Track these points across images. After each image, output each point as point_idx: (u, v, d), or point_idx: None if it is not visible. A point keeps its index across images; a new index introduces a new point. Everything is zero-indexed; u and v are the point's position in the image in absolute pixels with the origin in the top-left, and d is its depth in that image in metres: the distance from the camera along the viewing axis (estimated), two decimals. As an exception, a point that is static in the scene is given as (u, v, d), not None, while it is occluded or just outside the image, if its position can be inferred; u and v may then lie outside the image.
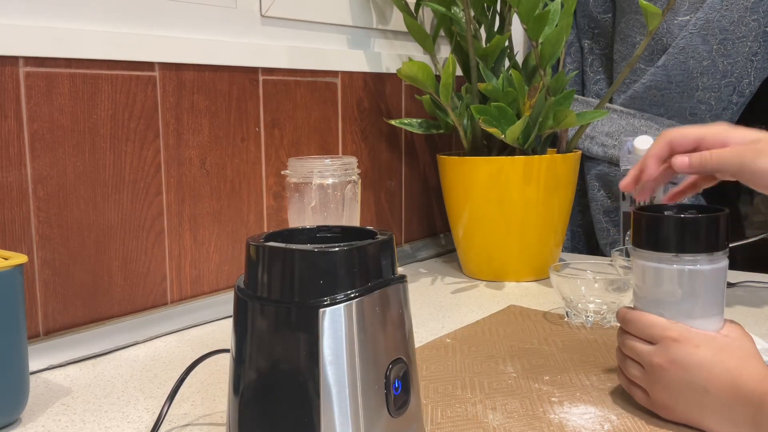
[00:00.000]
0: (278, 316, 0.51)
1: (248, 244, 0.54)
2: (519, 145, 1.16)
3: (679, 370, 0.62)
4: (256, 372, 0.52)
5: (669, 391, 0.63)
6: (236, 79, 1.06)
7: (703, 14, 1.24)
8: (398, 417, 0.54)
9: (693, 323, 0.65)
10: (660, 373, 0.64)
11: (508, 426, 0.66)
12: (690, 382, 0.62)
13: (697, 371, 0.61)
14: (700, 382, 0.61)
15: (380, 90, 1.31)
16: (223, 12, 1.05)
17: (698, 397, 0.62)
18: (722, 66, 1.26)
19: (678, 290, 0.65)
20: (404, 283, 0.56)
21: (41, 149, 0.85)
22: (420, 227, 1.45)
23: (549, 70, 1.15)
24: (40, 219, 0.86)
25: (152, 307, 0.98)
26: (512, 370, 0.80)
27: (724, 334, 0.64)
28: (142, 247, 0.96)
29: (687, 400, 0.62)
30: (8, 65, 0.82)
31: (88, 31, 0.88)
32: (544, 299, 1.10)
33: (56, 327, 0.88)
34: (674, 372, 0.63)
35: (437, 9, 1.20)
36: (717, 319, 0.66)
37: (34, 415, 0.71)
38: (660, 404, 0.65)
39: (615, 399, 0.71)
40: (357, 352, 0.51)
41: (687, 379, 0.62)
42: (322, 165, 0.90)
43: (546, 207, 1.18)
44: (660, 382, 0.64)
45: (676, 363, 0.63)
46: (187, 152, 1.00)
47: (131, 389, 0.77)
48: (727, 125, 0.69)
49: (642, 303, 0.69)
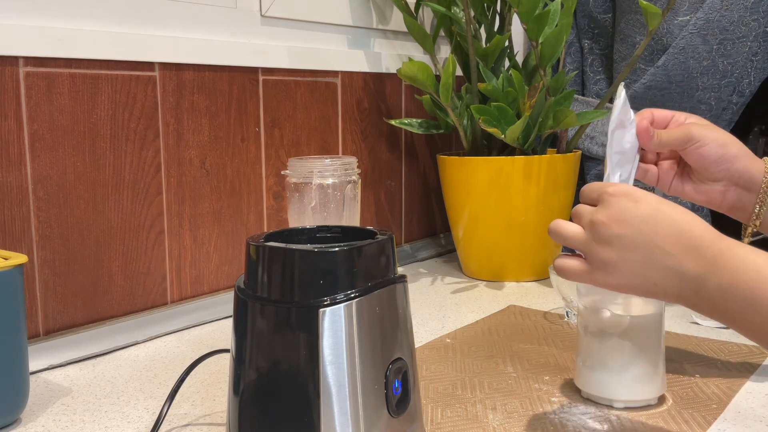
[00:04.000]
0: (278, 316, 0.51)
1: (248, 244, 0.54)
2: (519, 145, 1.16)
3: (621, 225, 0.58)
4: (256, 372, 0.52)
5: (611, 248, 0.59)
6: (236, 79, 1.06)
7: (703, 14, 1.24)
8: (398, 417, 0.54)
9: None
10: (601, 230, 0.59)
11: (508, 426, 0.66)
12: (636, 237, 0.58)
13: (642, 225, 0.58)
14: (646, 235, 0.57)
15: (380, 90, 1.31)
16: (223, 12, 1.05)
17: (645, 250, 0.58)
18: (722, 66, 1.26)
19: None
20: (404, 283, 0.56)
21: (41, 149, 0.85)
22: (420, 227, 1.45)
23: (549, 70, 1.15)
24: (40, 219, 0.86)
25: (152, 307, 0.98)
26: (512, 370, 0.80)
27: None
28: (142, 247, 0.96)
29: (632, 255, 0.58)
30: (8, 65, 0.82)
31: (88, 31, 0.88)
32: (544, 299, 1.10)
33: (56, 327, 0.88)
34: (616, 228, 0.58)
35: (437, 9, 1.20)
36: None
37: (34, 415, 0.71)
38: (600, 265, 0.59)
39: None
40: (357, 352, 0.51)
41: (631, 234, 0.58)
42: (322, 165, 0.90)
43: (546, 207, 1.18)
44: (600, 239, 0.59)
45: (616, 218, 0.59)
46: (187, 152, 1.00)
47: (131, 389, 0.77)
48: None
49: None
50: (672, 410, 0.69)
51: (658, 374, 0.70)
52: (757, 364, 0.81)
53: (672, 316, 0.99)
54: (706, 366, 0.80)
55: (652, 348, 0.69)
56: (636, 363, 0.69)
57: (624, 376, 0.69)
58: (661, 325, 0.70)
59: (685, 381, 0.76)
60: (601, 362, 0.70)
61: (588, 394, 0.71)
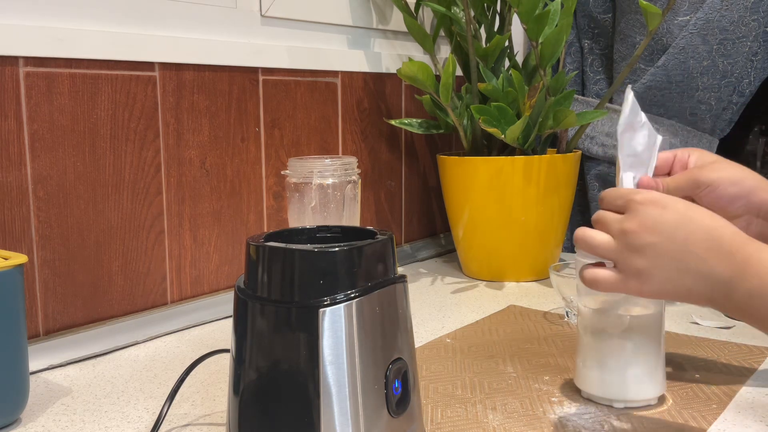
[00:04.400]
0: (278, 316, 0.51)
1: (248, 244, 0.54)
2: (519, 145, 1.16)
3: (652, 233, 0.59)
4: (256, 372, 0.52)
5: (644, 257, 0.59)
6: (236, 79, 1.06)
7: (703, 14, 1.24)
8: (398, 417, 0.54)
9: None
10: (632, 238, 0.59)
11: (508, 426, 0.66)
12: (668, 244, 0.58)
13: (674, 232, 0.58)
14: (678, 242, 0.58)
15: (380, 90, 1.31)
16: (223, 12, 1.05)
17: (678, 256, 0.58)
18: (722, 66, 1.26)
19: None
20: (404, 283, 0.56)
21: (41, 149, 0.85)
22: (420, 227, 1.45)
23: (549, 70, 1.15)
24: (40, 219, 0.86)
25: (152, 307, 0.98)
26: (512, 370, 0.80)
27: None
28: (142, 247, 0.96)
29: (667, 262, 0.59)
30: (8, 65, 0.82)
31: (88, 31, 0.88)
32: (544, 299, 1.10)
33: (56, 327, 0.88)
34: (648, 236, 0.59)
35: (437, 9, 1.20)
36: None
37: (34, 415, 0.71)
38: (633, 273, 0.60)
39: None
40: (357, 352, 0.51)
41: (663, 241, 0.59)
42: (322, 165, 0.90)
43: (546, 207, 1.18)
44: (632, 248, 0.60)
45: (646, 226, 0.59)
46: (187, 152, 1.00)
47: (131, 389, 0.77)
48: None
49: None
50: (672, 410, 0.69)
51: (658, 374, 0.70)
52: (757, 364, 0.81)
53: (672, 316, 0.99)
54: (706, 366, 0.81)
55: (652, 348, 0.69)
56: (636, 363, 0.69)
57: (624, 376, 0.69)
58: (661, 325, 0.70)
59: (685, 381, 0.76)
60: (601, 362, 0.70)
61: (588, 394, 0.71)
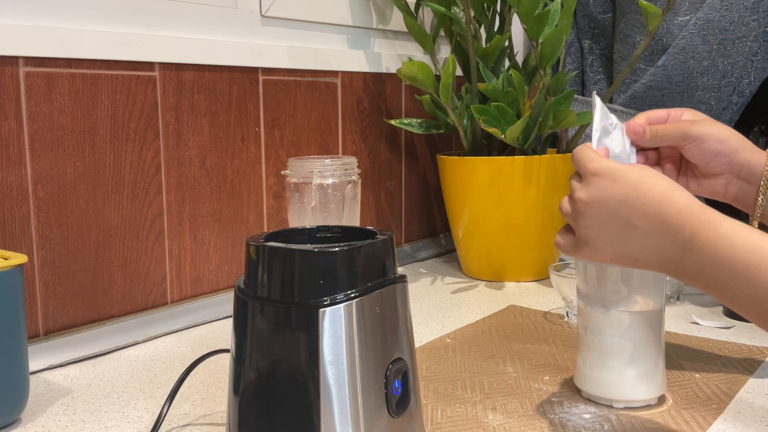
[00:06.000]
0: (278, 316, 0.51)
1: (248, 244, 0.54)
2: (519, 145, 1.16)
3: (598, 206, 0.61)
4: (256, 372, 0.52)
5: (590, 228, 0.62)
6: (236, 79, 1.06)
7: (703, 14, 1.24)
8: (398, 417, 0.54)
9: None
10: (582, 208, 0.62)
11: (508, 426, 0.66)
12: (612, 218, 0.60)
13: (619, 206, 0.60)
14: (622, 216, 0.60)
15: (380, 90, 1.31)
16: (223, 12, 1.05)
17: (622, 230, 0.60)
18: (722, 66, 1.26)
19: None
20: (404, 283, 0.56)
21: (41, 149, 0.85)
22: (420, 227, 1.45)
23: (549, 70, 1.15)
24: (40, 219, 0.86)
25: (152, 307, 0.98)
26: (512, 370, 0.80)
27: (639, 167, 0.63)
28: (142, 247, 0.96)
29: (610, 234, 0.61)
30: (8, 65, 0.82)
31: (88, 31, 0.88)
32: (544, 299, 1.10)
33: (56, 327, 0.88)
34: (594, 207, 0.61)
35: (437, 9, 1.20)
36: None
37: (34, 415, 0.71)
38: (584, 241, 0.63)
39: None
40: (357, 352, 0.51)
41: (608, 214, 0.60)
42: (322, 165, 0.90)
43: (546, 207, 1.18)
44: (582, 217, 0.62)
45: (594, 198, 0.61)
46: (187, 152, 1.00)
47: (131, 389, 0.77)
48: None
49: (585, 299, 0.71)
50: (672, 410, 0.69)
51: (658, 374, 0.70)
52: (757, 364, 0.81)
53: (672, 316, 0.99)
54: (706, 366, 0.80)
55: (652, 348, 0.69)
56: (636, 363, 0.69)
57: (624, 376, 0.69)
58: (661, 325, 0.70)
59: (685, 381, 0.76)
60: (601, 362, 0.70)
61: (588, 394, 0.71)
